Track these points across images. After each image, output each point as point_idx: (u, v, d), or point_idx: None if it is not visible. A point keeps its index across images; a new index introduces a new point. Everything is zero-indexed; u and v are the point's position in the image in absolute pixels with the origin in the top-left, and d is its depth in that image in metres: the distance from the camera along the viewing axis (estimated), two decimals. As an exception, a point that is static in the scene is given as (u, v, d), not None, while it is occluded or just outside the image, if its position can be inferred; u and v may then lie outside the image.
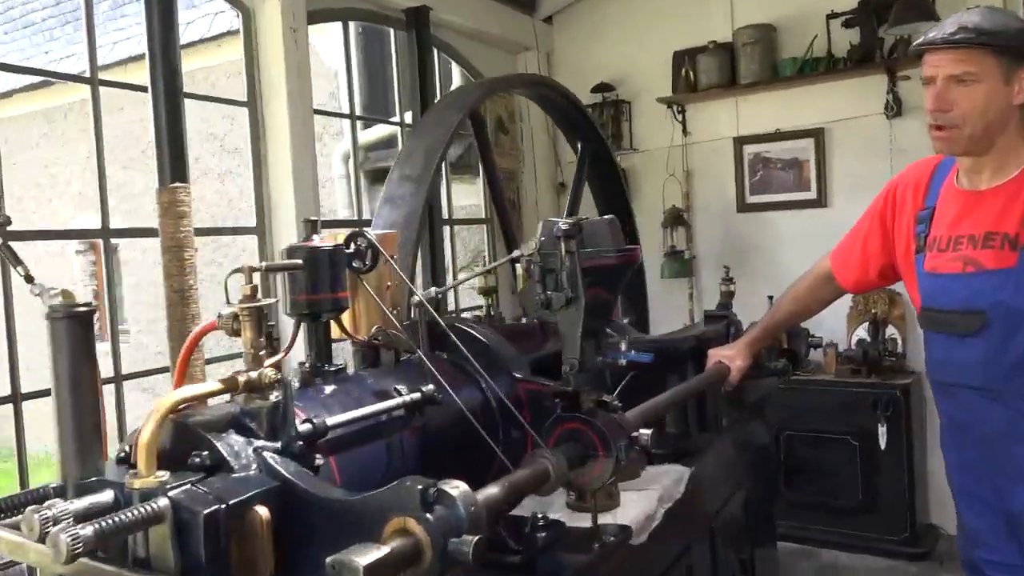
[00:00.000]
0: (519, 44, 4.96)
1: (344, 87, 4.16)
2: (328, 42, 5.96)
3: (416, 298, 1.49)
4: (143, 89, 2.39)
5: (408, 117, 4.39)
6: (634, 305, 3.94)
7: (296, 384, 1.40)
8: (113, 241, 2.63)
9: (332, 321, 1.48)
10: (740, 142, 4.63)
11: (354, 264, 1.50)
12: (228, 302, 1.20)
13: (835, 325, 4.41)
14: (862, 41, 4.13)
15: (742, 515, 2.61)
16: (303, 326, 1.44)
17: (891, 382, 4.00)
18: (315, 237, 1.42)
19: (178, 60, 2.28)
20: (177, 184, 2.00)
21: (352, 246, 1.49)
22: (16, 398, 2.21)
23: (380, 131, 5.65)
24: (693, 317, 4.81)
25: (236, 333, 1.19)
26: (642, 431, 1.47)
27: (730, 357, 2.26)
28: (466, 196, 5.33)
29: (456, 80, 5.03)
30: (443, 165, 3.70)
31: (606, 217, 1.46)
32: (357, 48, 5.97)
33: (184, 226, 1.92)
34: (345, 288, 1.45)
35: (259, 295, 1.21)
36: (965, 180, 1.79)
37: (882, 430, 3.98)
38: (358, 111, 6.19)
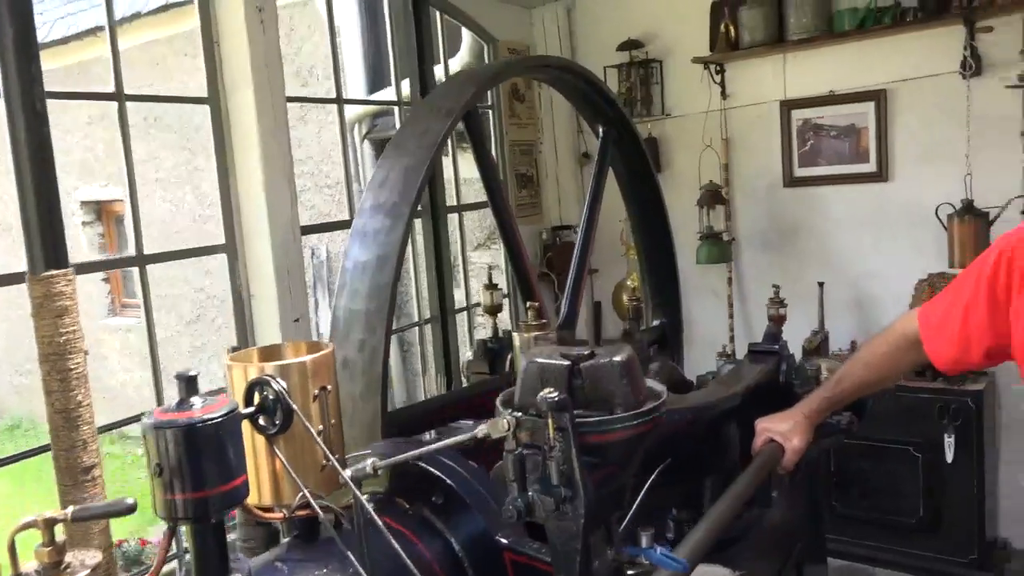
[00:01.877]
0: (535, -2, 4.40)
1: (335, 56, 3.64)
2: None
3: (347, 473, 1.05)
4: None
5: (406, 87, 3.89)
6: (665, 301, 3.47)
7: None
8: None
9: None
10: (788, 106, 4.05)
11: (260, 423, 1.06)
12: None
13: (894, 314, 3.86)
14: (936, -13, 3.50)
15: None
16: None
17: (961, 387, 3.50)
18: (195, 402, 0.97)
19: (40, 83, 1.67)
20: (53, 272, 1.53)
21: (256, 398, 1.05)
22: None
23: (386, 95, 5.11)
24: (732, 306, 4.33)
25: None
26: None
27: (785, 435, 1.80)
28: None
29: (466, 40, 4.48)
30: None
31: (618, 357, 0.99)
32: (357, 9, 5.43)
33: (67, 326, 1.47)
34: (243, 468, 1.01)
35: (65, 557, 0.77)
36: None
37: (949, 441, 3.51)
38: (359, 76, 5.71)
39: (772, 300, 2.51)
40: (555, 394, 0.89)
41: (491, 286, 2.88)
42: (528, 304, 1.71)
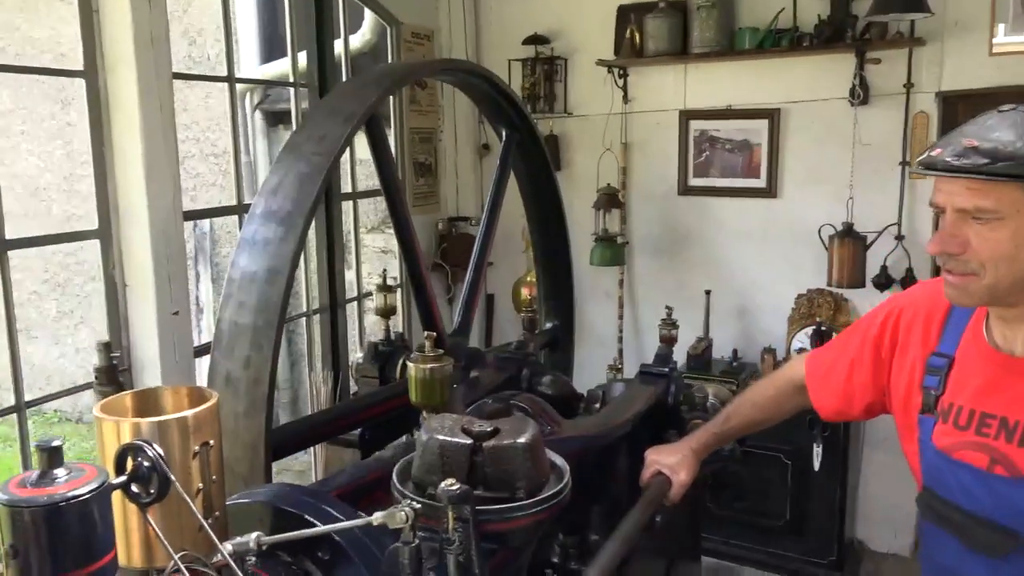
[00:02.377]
0: (442, -18, 4.29)
1: (227, 28, 3.43)
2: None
3: (227, 548, 0.98)
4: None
5: (303, 59, 3.72)
6: (559, 304, 3.49)
7: None
8: None
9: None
10: (687, 116, 4.12)
11: (133, 490, 0.97)
12: None
13: (774, 327, 4.08)
14: (832, 16, 3.62)
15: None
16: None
17: (832, 401, 3.68)
18: (58, 474, 0.88)
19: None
20: None
21: (129, 464, 0.96)
22: None
23: (281, 66, 4.88)
24: (623, 307, 4.40)
25: None
26: None
27: (673, 468, 1.83)
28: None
29: (368, 18, 4.32)
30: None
31: (522, 439, 0.95)
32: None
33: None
34: (112, 544, 0.92)
35: None
36: (998, 335, 1.33)
37: (817, 450, 3.69)
38: (252, 42, 5.44)
39: (664, 321, 2.54)
40: (456, 487, 0.85)
41: (384, 287, 2.80)
42: (425, 334, 1.66)
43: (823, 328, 3.81)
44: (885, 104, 3.67)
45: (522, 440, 0.95)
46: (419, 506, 0.87)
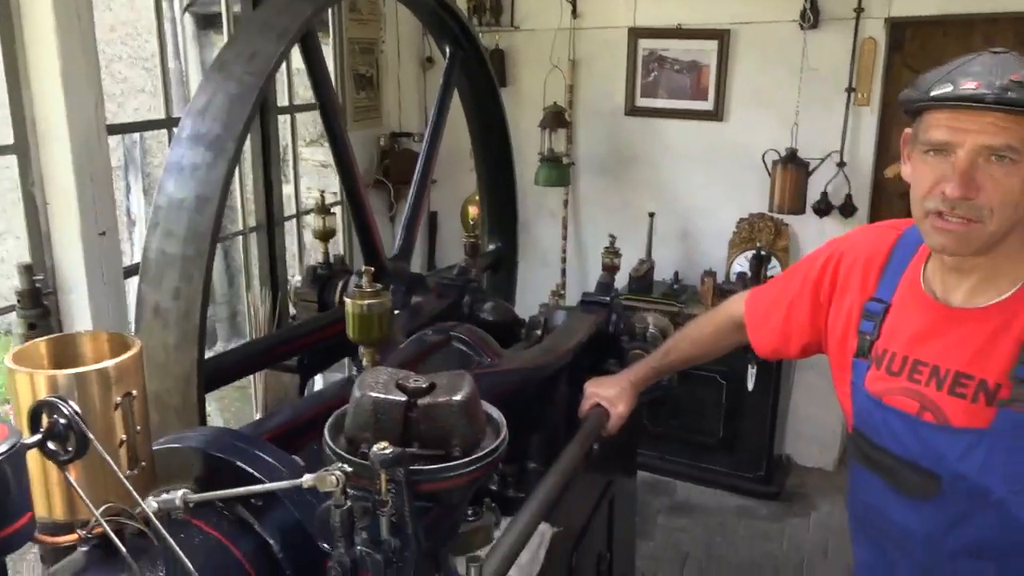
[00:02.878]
0: None
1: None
2: None
3: (151, 505, 0.95)
4: None
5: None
6: (502, 225, 3.45)
7: None
8: None
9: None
10: (636, 34, 4.03)
11: (50, 448, 0.93)
12: None
13: (715, 251, 4.12)
14: (786, -66, 3.53)
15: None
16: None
17: (767, 325, 3.77)
18: (-34, 435, 0.83)
19: None
20: None
21: (44, 421, 0.92)
22: None
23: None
24: (567, 228, 4.38)
25: None
26: None
27: (611, 401, 1.85)
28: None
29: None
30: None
31: (458, 396, 0.93)
32: None
33: None
34: (28, 505, 0.89)
35: None
36: (937, 284, 1.33)
37: (751, 372, 3.79)
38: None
39: (607, 249, 2.52)
40: (389, 450, 0.83)
41: (323, 209, 2.71)
42: (364, 268, 1.61)
43: (763, 253, 3.87)
44: (834, 28, 3.63)
45: (457, 398, 0.92)
46: (350, 469, 0.85)
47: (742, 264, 3.98)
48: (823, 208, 3.78)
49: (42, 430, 0.92)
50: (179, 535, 1.12)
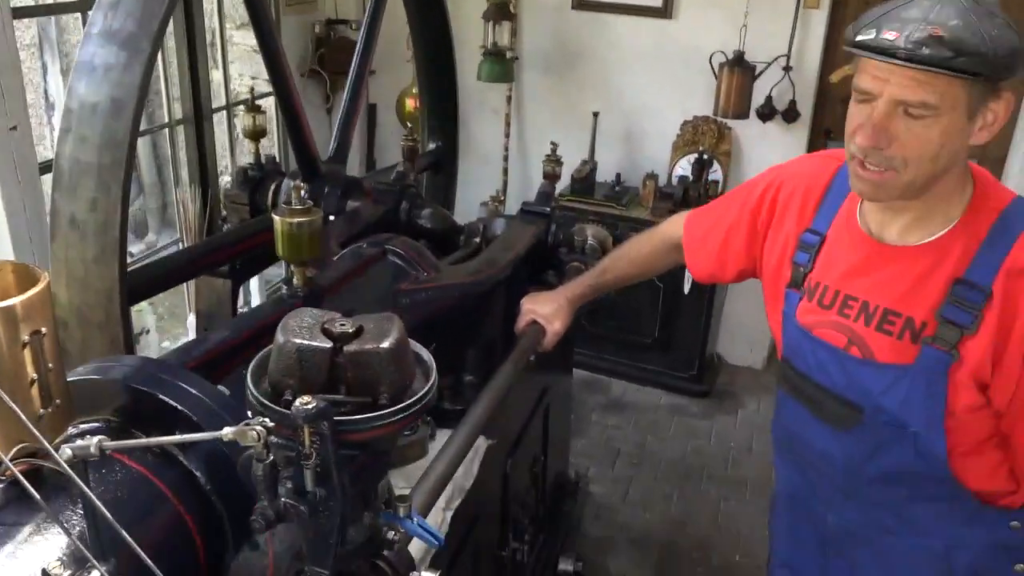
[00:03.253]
0: None
1: None
2: None
3: (65, 453, 0.91)
4: None
5: None
6: (442, 123, 3.35)
7: None
8: None
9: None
10: (585, -79, 3.84)
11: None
12: None
13: (658, 154, 4.09)
14: None
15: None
16: None
17: (706, 229, 3.79)
18: None
19: None
20: None
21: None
22: None
23: None
24: (509, 125, 4.28)
25: None
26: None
27: (548, 318, 1.85)
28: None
29: None
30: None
31: (386, 343, 0.90)
32: None
33: None
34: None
35: None
36: (872, 220, 1.32)
37: (687, 275, 3.83)
38: None
39: (548, 157, 2.46)
40: (311, 404, 0.80)
41: (253, 108, 2.58)
42: (293, 184, 1.54)
43: (705, 157, 3.85)
44: (789, -77, 3.51)
45: (385, 344, 0.90)
46: (272, 424, 0.83)
47: (684, 168, 3.96)
48: (767, 113, 3.76)
49: (-63, 374, 0.87)
50: (100, 470, 1.10)
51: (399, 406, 0.90)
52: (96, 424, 1.18)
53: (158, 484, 1.13)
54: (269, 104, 3.76)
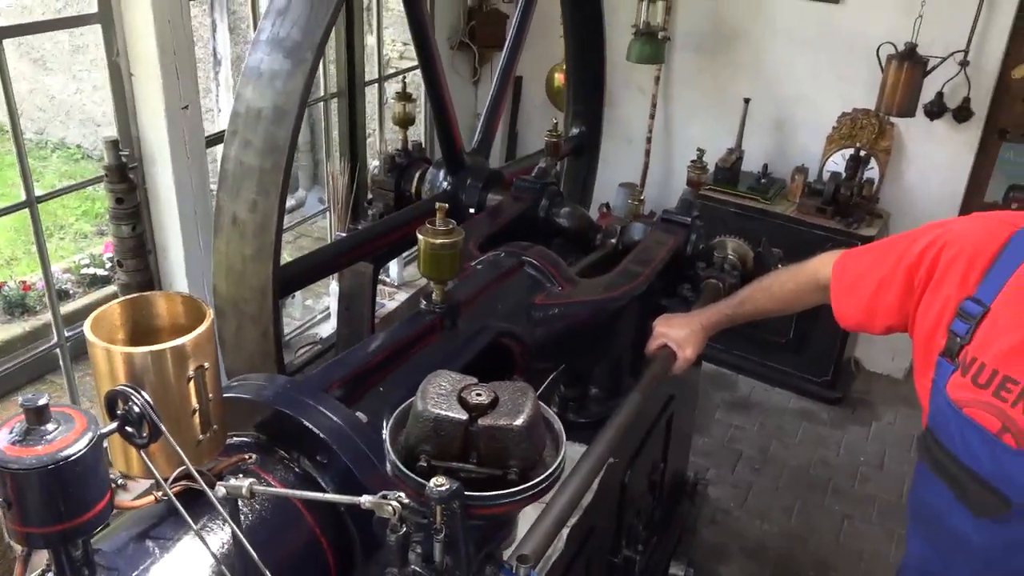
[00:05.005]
0: None
1: None
2: None
3: (218, 492, 0.99)
4: None
5: None
6: (587, 108, 3.32)
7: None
8: None
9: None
10: None
11: (127, 431, 0.97)
12: None
13: (810, 146, 3.90)
14: None
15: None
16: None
17: (856, 232, 3.60)
18: (48, 430, 0.87)
19: None
20: None
21: (120, 410, 0.95)
22: None
23: None
24: (655, 107, 4.17)
25: None
26: None
27: (680, 344, 1.82)
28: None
29: None
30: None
31: (519, 421, 0.91)
32: None
33: None
34: (105, 487, 0.93)
35: None
36: None
37: (832, 276, 3.67)
38: None
39: (693, 164, 2.39)
40: (445, 486, 0.83)
41: (404, 96, 2.63)
42: (437, 205, 1.57)
43: (861, 153, 3.64)
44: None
45: (518, 422, 0.91)
46: (407, 500, 0.86)
47: (838, 163, 3.76)
48: (935, 111, 3.49)
49: (117, 418, 0.96)
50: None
51: (528, 484, 0.92)
52: (247, 440, 1.27)
53: (297, 505, 1.21)
54: (417, 82, 3.81)
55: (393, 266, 4.05)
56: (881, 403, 3.91)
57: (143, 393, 0.95)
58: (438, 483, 0.84)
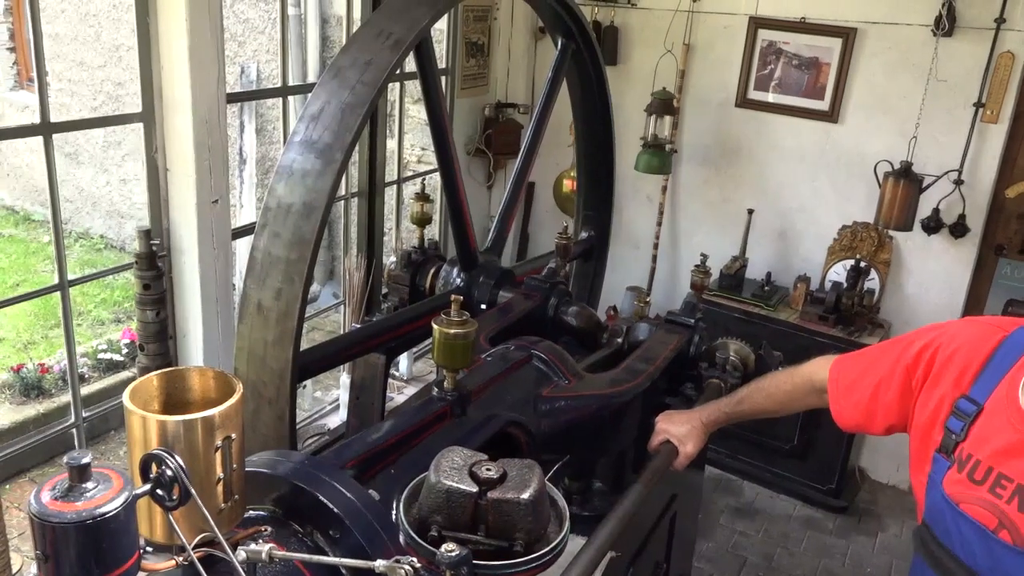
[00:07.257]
0: None
1: None
2: None
3: (239, 557, 1.04)
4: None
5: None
6: (596, 214, 3.45)
7: None
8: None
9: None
10: (756, 24, 3.89)
11: (158, 494, 1.03)
12: None
13: (812, 256, 4.02)
14: (930, -67, 3.32)
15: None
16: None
17: (858, 340, 3.67)
18: (87, 487, 0.93)
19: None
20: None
21: (153, 472, 1.02)
22: None
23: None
24: (662, 214, 4.33)
25: None
26: None
27: (681, 439, 1.87)
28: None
29: None
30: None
31: (526, 495, 0.98)
32: None
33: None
34: (135, 546, 0.99)
35: None
36: None
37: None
38: None
39: (697, 268, 2.50)
40: (455, 552, 0.89)
41: (423, 196, 2.78)
42: (452, 297, 1.66)
43: (862, 264, 3.75)
44: (970, 38, 3.42)
45: (525, 496, 0.98)
46: (419, 565, 0.92)
47: (839, 273, 3.87)
48: (933, 225, 3.63)
49: (151, 480, 1.03)
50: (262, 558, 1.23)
51: (533, 555, 0.97)
52: (262, 513, 1.33)
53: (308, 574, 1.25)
54: (434, 184, 4.00)
55: (403, 360, 4.14)
56: (887, 514, 3.89)
57: (177, 457, 1.02)
58: (449, 548, 0.90)
